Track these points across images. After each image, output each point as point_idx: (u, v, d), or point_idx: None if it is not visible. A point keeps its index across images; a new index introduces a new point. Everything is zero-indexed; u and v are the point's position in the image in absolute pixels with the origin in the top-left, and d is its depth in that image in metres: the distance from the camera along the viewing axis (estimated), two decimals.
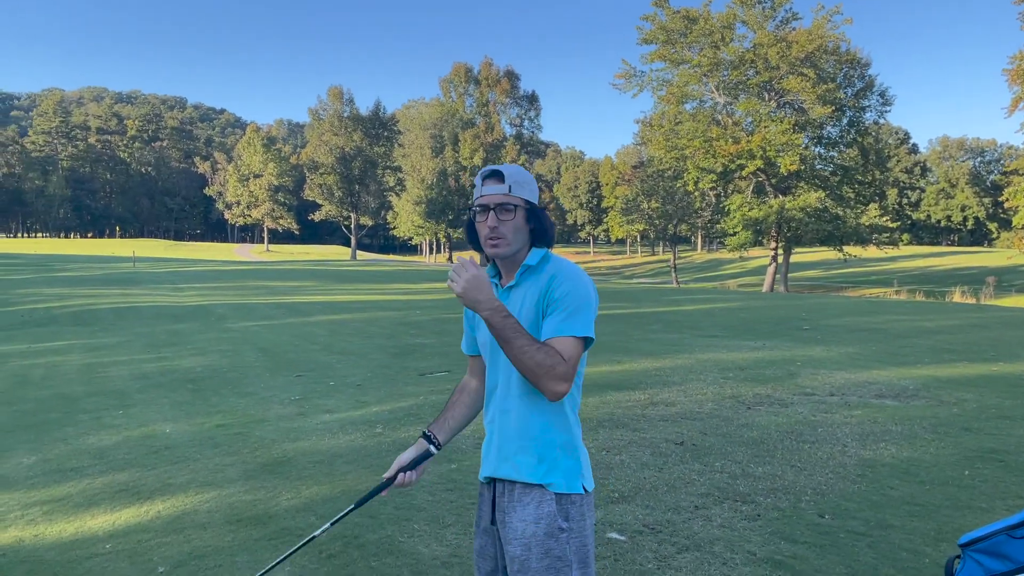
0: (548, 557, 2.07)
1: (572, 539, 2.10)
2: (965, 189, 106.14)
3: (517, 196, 2.16)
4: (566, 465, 2.13)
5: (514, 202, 2.15)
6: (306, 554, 4.06)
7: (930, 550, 3.97)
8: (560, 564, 2.07)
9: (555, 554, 2.07)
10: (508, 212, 2.14)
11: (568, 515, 2.11)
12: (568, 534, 2.10)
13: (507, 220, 2.15)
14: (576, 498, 2.14)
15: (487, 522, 2.27)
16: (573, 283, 2.10)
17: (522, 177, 2.20)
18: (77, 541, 4.37)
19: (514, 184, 2.16)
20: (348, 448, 6.17)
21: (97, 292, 23.07)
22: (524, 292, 2.18)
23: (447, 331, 14.14)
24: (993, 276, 44.73)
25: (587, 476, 2.19)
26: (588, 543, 2.15)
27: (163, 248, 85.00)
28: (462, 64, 73.27)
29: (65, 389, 9.21)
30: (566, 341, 2.04)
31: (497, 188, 2.16)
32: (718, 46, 43.07)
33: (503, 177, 2.16)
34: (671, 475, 5.30)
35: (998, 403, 7.59)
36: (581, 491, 2.14)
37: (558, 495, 2.11)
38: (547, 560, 2.07)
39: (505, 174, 2.17)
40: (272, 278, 30.91)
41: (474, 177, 28.88)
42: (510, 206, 2.14)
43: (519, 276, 2.20)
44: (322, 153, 72.82)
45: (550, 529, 2.08)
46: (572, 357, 2.03)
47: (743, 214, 41.79)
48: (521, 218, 2.17)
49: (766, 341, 12.44)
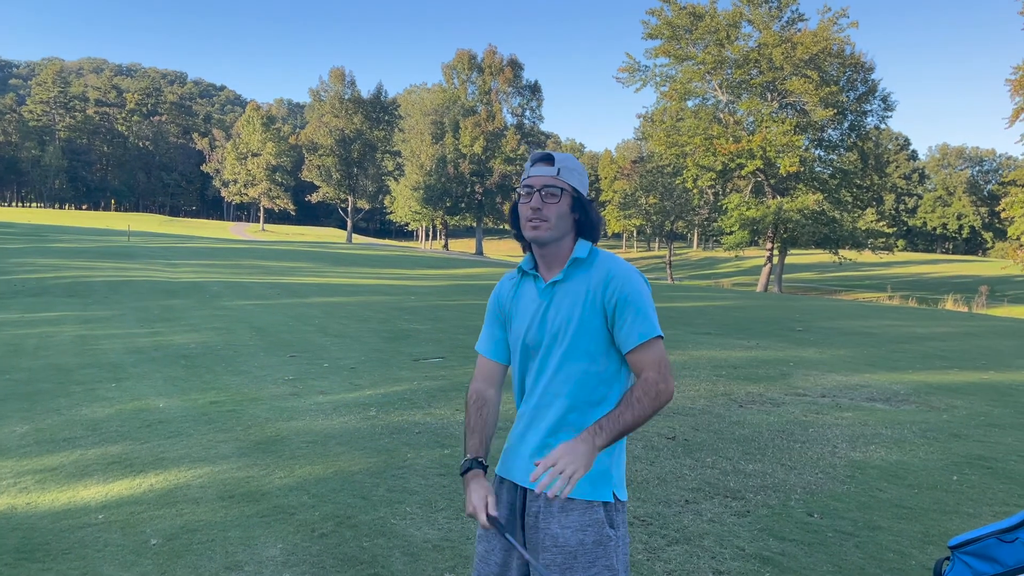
0: (596, 566, 2.01)
1: (620, 547, 2.07)
2: (962, 198, 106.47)
3: (565, 181, 2.11)
4: (611, 472, 2.09)
5: (561, 186, 2.10)
6: (298, 532, 4.08)
7: (917, 552, 4.01)
8: (608, 573, 2.02)
9: (603, 563, 2.02)
10: (554, 196, 2.09)
11: (614, 522, 2.07)
12: (616, 542, 2.06)
13: (552, 203, 2.09)
14: (620, 505, 2.11)
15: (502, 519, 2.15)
16: (636, 283, 2.06)
17: (573, 164, 2.14)
18: (70, 511, 4.39)
19: (564, 169, 2.12)
20: (341, 429, 6.19)
21: (91, 264, 22.99)
22: (572, 288, 2.10)
23: (441, 318, 14.15)
24: (986, 285, 44.87)
25: (620, 484, 2.14)
26: (628, 551, 2.12)
27: (158, 223, 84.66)
28: (465, 51, 72.91)
29: (58, 360, 9.20)
30: (651, 347, 2.02)
31: (546, 170, 2.11)
32: (723, 44, 42.97)
33: (553, 161, 2.12)
34: (662, 469, 5.34)
35: (987, 411, 7.65)
36: (624, 499, 2.12)
37: (605, 503, 2.06)
38: (594, 569, 2.01)
39: (556, 158, 2.12)
40: (267, 257, 30.84)
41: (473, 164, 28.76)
42: (556, 189, 2.09)
43: (566, 270, 2.13)
44: (322, 134, 72.49)
45: (599, 537, 2.03)
46: (660, 359, 2.02)
47: (740, 213, 41.82)
48: (566, 204, 2.11)
49: (759, 340, 12.49)
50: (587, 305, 2.06)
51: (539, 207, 2.09)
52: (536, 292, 2.18)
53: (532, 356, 2.17)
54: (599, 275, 2.07)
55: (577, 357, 2.08)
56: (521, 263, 2.25)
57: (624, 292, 2.04)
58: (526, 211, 2.11)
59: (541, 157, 2.14)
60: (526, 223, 2.11)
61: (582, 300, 2.07)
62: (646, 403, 1.98)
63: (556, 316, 2.11)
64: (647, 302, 2.06)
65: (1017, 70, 32.36)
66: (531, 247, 2.19)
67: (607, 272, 2.07)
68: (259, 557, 3.78)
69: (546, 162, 2.13)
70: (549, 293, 2.14)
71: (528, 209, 2.10)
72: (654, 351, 2.03)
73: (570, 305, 2.08)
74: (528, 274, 2.22)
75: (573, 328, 2.07)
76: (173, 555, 3.79)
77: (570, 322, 2.07)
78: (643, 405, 1.97)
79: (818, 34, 40.53)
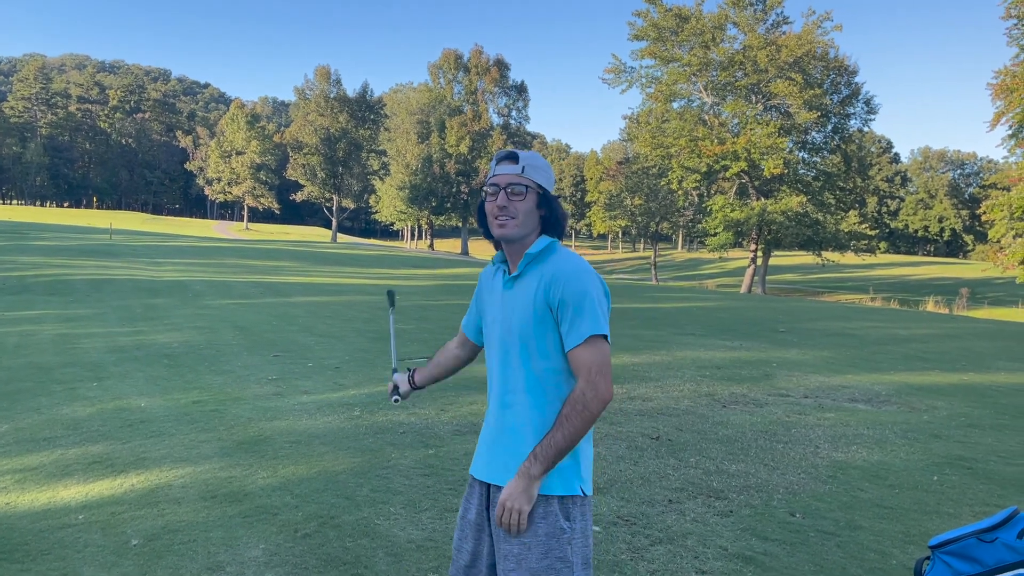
0: (548, 557, 2.03)
1: (575, 540, 2.07)
2: (944, 200, 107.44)
3: (529, 179, 2.13)
4: (563, 465, 2.08)
5: (525, 183, 2.12)
6: (281, 532, 4.06)
7: (897, 552, 4.05)
8: (561, 565, 2.04)
9: (556, 554, 2.04)
10: (519, 193, 2.12)
11: (570, 515, 2.08)
12: (570, 534, 2.06)
13: (517, 200, 2.12)
14: (580, 500, 2.10)
15: (473, 515, 2.22)
16: (581, 283, 2.04)
17: (537, 162, 2.17)
18: (49, 511, 4.34)
19: (528, 167, 2.14)
20: (325, 429, 6.17)
21: (73, 262, 22.78)
22: (527, 283, 2.13)
23: (427, 317, 14.13)
24: (966, 288, 45.39)
25: (587, 479, 2.13)
26: (589, 544, 2.12)
27: (141, 221, 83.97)
28: (452, 51, 72.83)
29: (38, 359, 9.11)
30: (587, 347, 2.01)
31: (511, 168, 2.14)
32: (708, 46, 43.19)
33: (518, 159, 2.14)
34: (646, 469, 5.35)
35: (967, 411, 7.72)
36: (579, 492, 2.10)
37: (560, 496, 2.07)
38: (547, 560, 2.03)
39: (520, 156, 2.15)
40: (251, 256, 30.67)
41: (459, 164, 28.70)
42: (521, 187, 2.12)
43: (522, 266, 2.15)
44: (307, 133, 72.14)
45: (552, 529, 2.05)
46: (593, 362, 2.01)
47: (725, 215, 42.04)
48: (532, 201, 2.14)
49: (743, 341, 12.55)
50: (537, 302, 2.07)
51: (505, 205, 2.12)
52: (502, 286, 2.22)
53: (495, 351, 2.20)
54: (548, 273, 2.09)
55: (532, 354, 2.10)
56: (493, 258, 2.31)
57: (567, 291, 2.04)
58: (493, 209, 2.14)
59: (506, 156, 2.17)
60: (493, 221, 2.15)
61: (533, 297, 2.08)
62: (575, 419, 1.99)
63: (513, 313, 2.14)
64: (591, 302, 2.04)
65: (999, 74, 32.68)
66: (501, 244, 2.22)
67: (554, 270, 2.08)
68: (241, 558, 3.75)
69: (511, 160, 2.16)
70: (510, 287, 2.17)
71: (495, 207, 2.13)
72: (588, 352, 2.01)
73: (524, 302, 2.11)
74: (500, 266, 2.26)
75: (525, 325, 2.09)
76: (154, 556, 3.76)
77: (524, 319, 2.09)
78: (572, 423, 1.99)
79: (802, 37, 40.84)
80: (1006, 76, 32.21)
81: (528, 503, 2.00)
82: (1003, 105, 32.44)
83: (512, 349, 2.13)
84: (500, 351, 2.17)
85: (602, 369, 2.01)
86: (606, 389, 2.01)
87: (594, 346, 2.02)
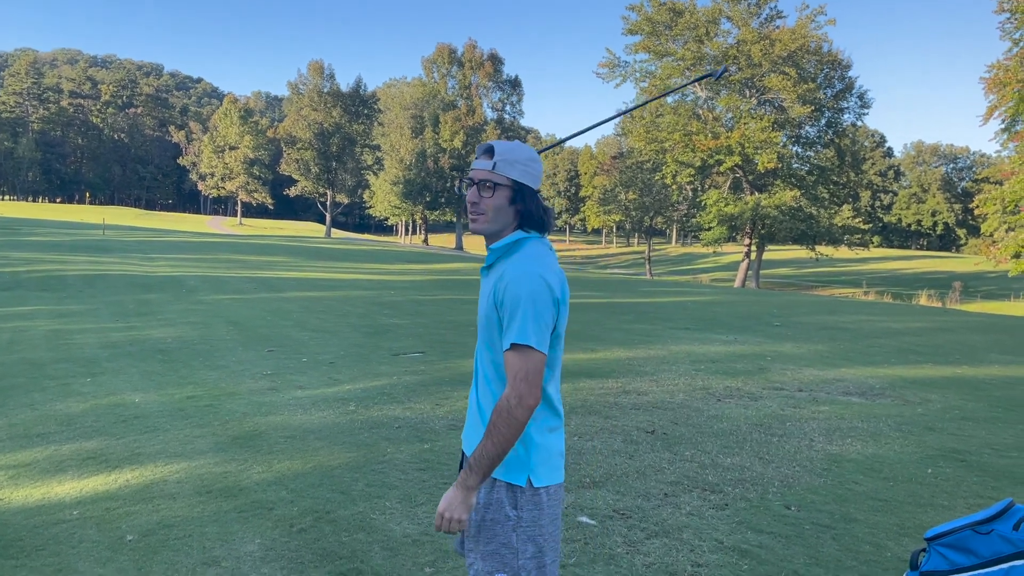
0: (493, 542, 2.07)
1: (521, 528, 2.07)
2: (936, 194, 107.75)
3: (502, 174, 2.09)
4: (510, 456, 2.07)
5: (496, 180, 2.09)
6: (277, 527, 4.05)
7: (892, 544, 4.06)
8: (505, 550, 2.06)
9: (500, 540, 2.07)
10: (488, 189, 2.09)
11: (517, 503, 2.07)
12: (516, 523, 2.07)
13: (487, 197, 2.10)
14: (525, 490, 2.07)
15: None
16: (521, 288, 2.00)
17: (515, 155, 2.12)
18: (44, 507, 4.33)
19: (502, 161, 2.10)
20: (320, 424, 6.16)
21: (65, 258, 22.69)
22: (492, 277, 2.13)
23: (421, 312, 14.11)
24: (959, 281, 45.52)
25: (538, 469, 2.09)
26: (543, 534, 2.10)
27: (134, 216, 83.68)
28: (446, 45, 72.61)
29: (31, 355, 9.07)
30: (514, 354, 1.99)
31: (484, 164, 2.12)
32: (702, 40, 43.20)
33: (493, 153, 2.11)
34: (641, 463, 5.36)
35: (961, 404, 7.75)
36: (524, 483, 2.07)
37: (507, 484, 2.08)
38: (492, 545, 2.07)
39: (496, 150, 2.11)
40: (245, 252, 30.59)
41: (453, 159, 28.71)
42: (491, 183, 2.09)
43: (491, 259, 2.16)
44: (300, 128, 71.94)
45: (497, 516, 2.08)
46: (519, 369, 1.98)
47: (719, 209, 42.11)
48: (503, 197, 2.10)
49: (737, 335, 12.57)
50: (492, 297, 2.07)
51: (476, 201, 2.12)
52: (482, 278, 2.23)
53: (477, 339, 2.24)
54: (501, 271, 2.08)
55: (491, 344, 2.11)
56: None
57: (507, 294, 2.01)
58: (468, 204, 2.15)
59: (484, 149, 2.15)
60: (468, 216, 2.15)
61: (491, 291, 2.08)
62: (502, 427, 1.98)
63: (480, 304, 2.18)
64: (526, 308, 1.98)
65: (991, 68, 32.75)
66: None
67: (503, 270, 2.07)
68: (237, 552, 3.74)
69: (487, 155, 2.13)
70: (484, 276, 2.19)
71: (469, 203, 2.13)
72: (514, 358, 1.99)
73: (486, 294, 2.12)
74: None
75: (485, 318, 2.11)
76: (149, 551, 3.75)
77: (486, 311, 2.11)
78: (499, 430, 1.98)
79: (796, 31, 40.86)
80: (999, 70, 32.26)
81: (466, 512, 2.03)
82: (996, 99, 32.50)
83: (481, 335, 2.17)
84: (478, 334, 2.21)
85: (527, 376, 1.97)
86: (529, 395, 1.97)
87: (520, 353, 1.98)
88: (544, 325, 2.00)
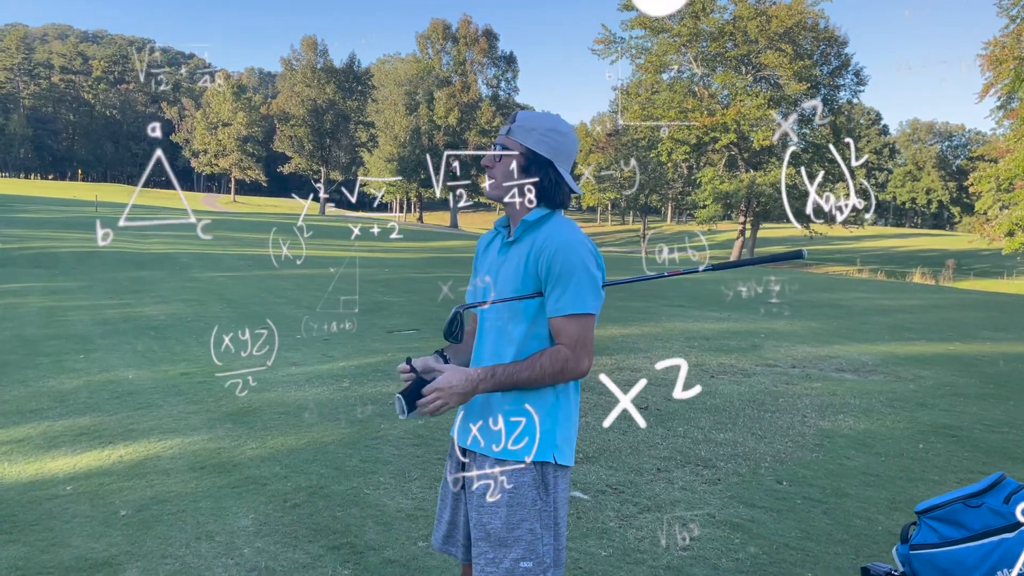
0: (519, 528, 2.00)
1: (546, 511, 2.03)
2: (931, 172, 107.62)
3: (516, 141, 2.06)
4: (552, 439, 2.03)
5: (508, 145, 2.07)
6: (270, 503, 4.06)
7: (883, 518, 4.09)
8: (531, 536, 2.00)
9: (526, 527, 2.00)
10: (499, 155, 2.08)
11: (544, 484, 2.02)
12: (542, 505, 2.02)
13: (497, 162, 2.08)
14: (550, 467, 2.03)
15: (451, 482, 2.20)
16: (571, 255, 1.97)
17: (534, 124, 2.08)
18: (37, 482, 4.33)
19: (519, 129, 2.07)
20: (315, 400, 6.16)
21: (58, 235, 22.58)
22: (520, 250, 2.06)
23: (415, 290, 14.10)
24: (953, 259, 45.60)
25: (563, 449, 2.06)
26: (560, 518, 2.07)
27: (127, 193, 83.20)
28: (440, 20, 71.91)
29: (24, 331, 9.04)
30: (571, 322, 1.97)
31: (503, 129, 2.11)
32: (698, 16, 42.86)
33: (516, 120, 2.09)
34: (635, 438, 5.38)
35: (953, 381, 7.79)
36: (551, 460, 2.02)
37: (535, 464, 2.01)
38: (518, 531, 2.00)
39: (517, 117, 2.10)
40: (239, 229, 30.46)
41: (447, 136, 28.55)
42: (501, 148, 2.07)
43: (519, 232, 2.09)
44: (293, 104, 71.42)
45: (523, 500, 2.00)
46: (579, 336, 1.96)
47: (714, 187, 42.01)
48: (515, 165, 2.06)
49: (731, 313, 12.59)
50: (527, 270, 2.02)
51: (489, 165, 2.09)
52: (497, 250, 2.17)
53: (484, 313, 2.15)
54: (539, 241, 2.02)
55: (518, 319, 2.05)
56: (496, 222, 2.24)
57: (556, 262, 1.97)
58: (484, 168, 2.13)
59: (511, 117, 2.13)
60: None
61: (523, 264, 2.03)
62: (548, 371, 1.96)
63: (504, 277, 2.08)
64: (580, 275, 1.97)
65: (988, 45, 32.61)
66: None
67: (545, 239, 2.01)
68: (231, 527, 3.75)
69: (510, 121, 2.11)
70: (504, 252, 2.12)
71: (483, 166, 2.12)
72: (574, 326, 1.97)
73: (514, 268, 2.05)
74: (500, 231, 2.20)
75: (513, 291, 2.05)
76: (143, 526, 3.76)
77: (513, 285, 2.04)
78: (544, 372, 1.96)
79: (793, 7, 40.58)
80: (995, 47, 32.13)
81: (458, 403, 1.96)
82: (992, 76, 32.42)
83: (501, 312, 2.09)
84: (485, 314, 2.13)
85: (586, 343, 1.98)
86: (588, 364, 1.99)
87: (580, 322, 1.98)
88: (598, 292, 2.01)
